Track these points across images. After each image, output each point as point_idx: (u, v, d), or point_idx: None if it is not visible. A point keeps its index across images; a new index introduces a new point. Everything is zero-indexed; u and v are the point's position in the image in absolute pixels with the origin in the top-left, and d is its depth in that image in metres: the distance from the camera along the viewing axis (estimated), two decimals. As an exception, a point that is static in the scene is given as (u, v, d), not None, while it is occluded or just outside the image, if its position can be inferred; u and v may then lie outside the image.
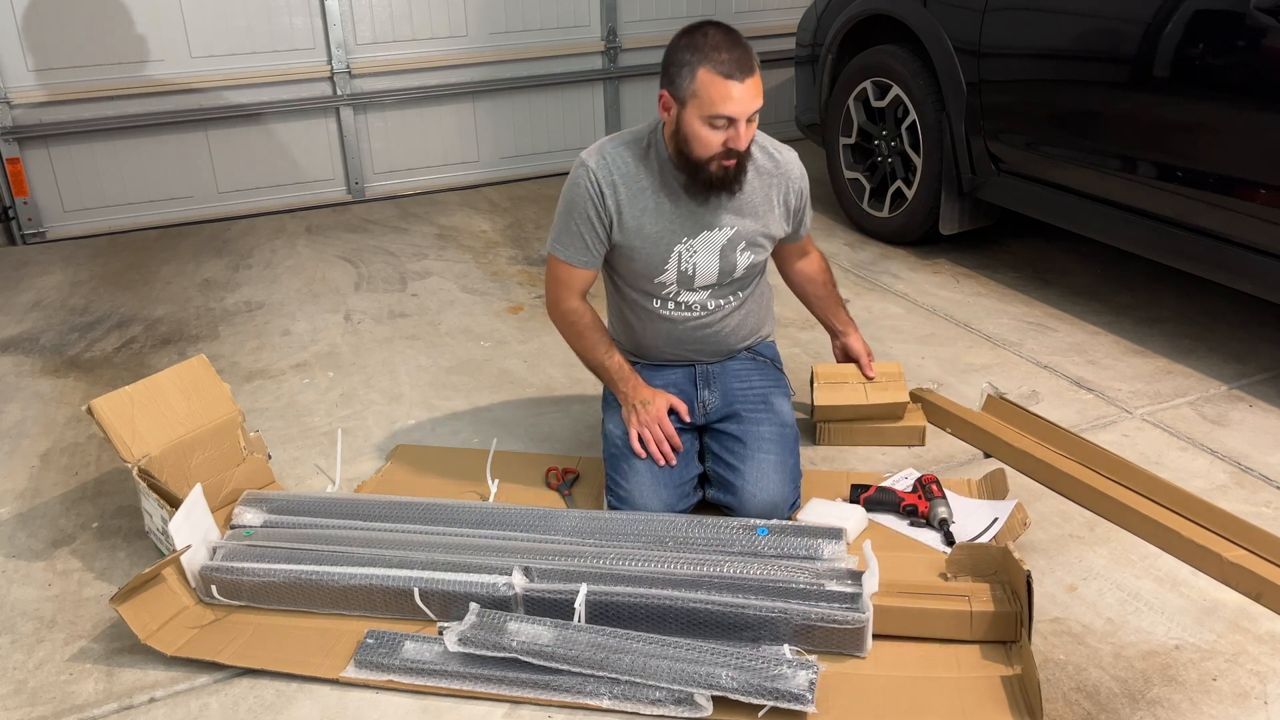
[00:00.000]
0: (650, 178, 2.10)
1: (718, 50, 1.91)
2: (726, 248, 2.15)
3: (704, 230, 2.12)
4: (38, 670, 1.88)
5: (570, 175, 2.14)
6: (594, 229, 2.12)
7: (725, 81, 1.91)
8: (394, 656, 1.82)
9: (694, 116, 1.96)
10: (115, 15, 4.16)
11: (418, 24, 4.63)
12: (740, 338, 2.30)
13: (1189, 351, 2.94)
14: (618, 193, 2.09)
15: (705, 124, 1.95)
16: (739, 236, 2.15)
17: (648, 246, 2.12)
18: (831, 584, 1.85)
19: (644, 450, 2.16)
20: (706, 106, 1.93)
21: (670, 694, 1.70)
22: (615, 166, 2.10)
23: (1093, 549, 2.11)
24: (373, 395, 2.88)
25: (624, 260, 2.17)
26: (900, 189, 3.76)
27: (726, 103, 1.92)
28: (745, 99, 1.93)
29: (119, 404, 2.12)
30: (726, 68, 1.90)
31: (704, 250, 2.14)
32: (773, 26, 5.22)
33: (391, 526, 2.13)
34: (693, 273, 2.16)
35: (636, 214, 2.10)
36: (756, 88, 1.94)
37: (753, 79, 1.93)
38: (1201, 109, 2.67)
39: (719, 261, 2.16)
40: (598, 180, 2.09)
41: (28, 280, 3.88)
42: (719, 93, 1.91)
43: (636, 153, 2.10)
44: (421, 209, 4.61)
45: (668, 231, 2.11)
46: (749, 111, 1.95)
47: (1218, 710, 1.70)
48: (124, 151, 4.36)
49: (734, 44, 1.93)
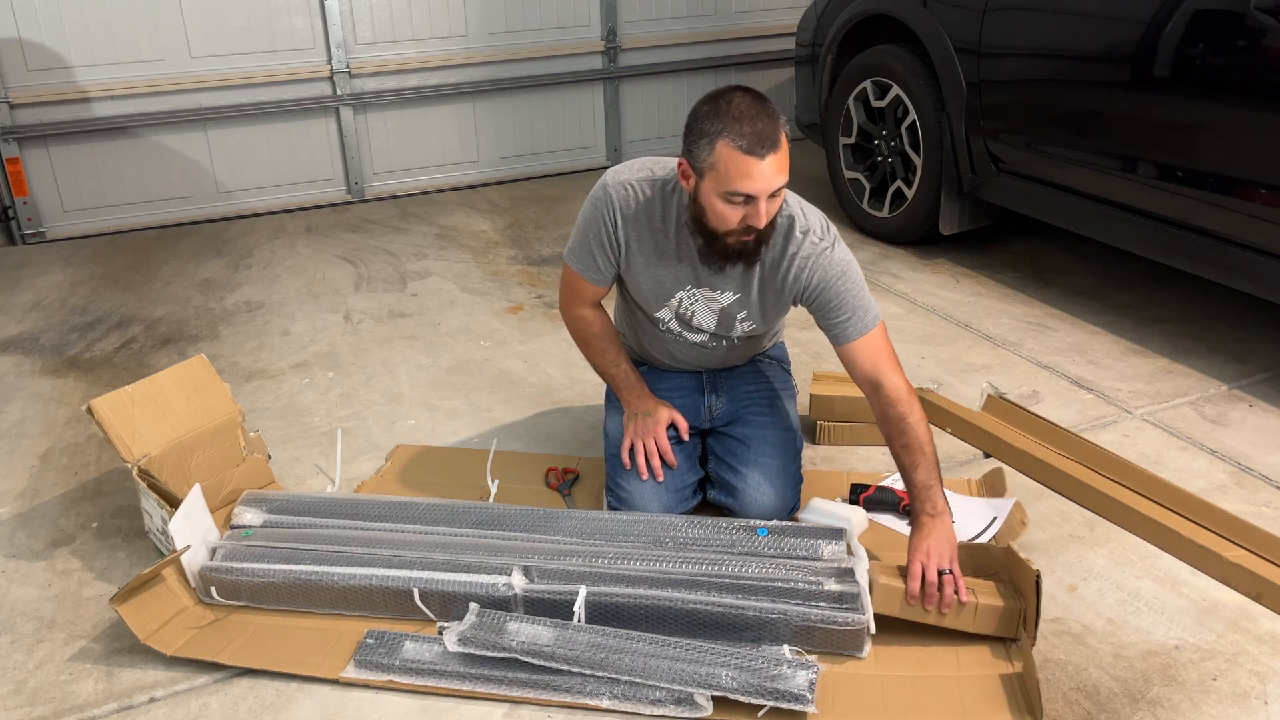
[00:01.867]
0: (665, 225, 2.01)
1: (739, 122, 1.75)
2: (727, 311, 2.10)
3: (706, 288, 2.07)
4: (38, 670, 1.88)
5: (595, 190, 2.05)
6: (605, 252, 2.07)
7: (745, 158, 1.75)
8: (394, 656, 1.81)
9: (711, 191, 1.81)
10: (115, 15, 4.16)
11: (418, 24, 4.63)
12: (745, 359, 2.29)
13: (1189, 351, 2.94)
14: (629, 229, 2.03)
15: (723, 200, 1.81)
16: (740, 306, 2.08)
17: (649, 286, 2.09)
18: (831, 584, 1.85)
19: (633, 462, 2.14)
20: (724, 182, 1.78)
21: (670, 694, 1.70)
22: (635, 203, 2.01)
23: (1093, 549, 2.11)
24: (373, 395, 2.88)
25: (629, 286, 2.15)
26: (900, 189, 3.76)
27: (745, 180, 1.77)
28: (766, 176, 1.77)
29: (119, 404, 2.12)
30: (748, 143, 1.75)
31: (704, 304, 2.09)
32: (773, 26, 5.22)
33: (391, 526, 2.13)
34: (691, 318, 2.13)
35: (644, 255, 2.05)
36: (779, 164, 1.78)
37: (776, 155, 1.77)
38: (1201, 109, 2.67)
39: (718, 318, 2.11)
40: (615, 211, 2.02)
41: (28, 280, 3.88)
42: (738, 169, 1.76)
43: (660, 194, 2.00)
44: (421, 209, 4.61)
45: (671, 279, 2.07)
46: (770, 189, 1.79)
47: (1218, 710, 1.70)
48: (124, 151, 4.36)
49: (758, 114, 1.76)
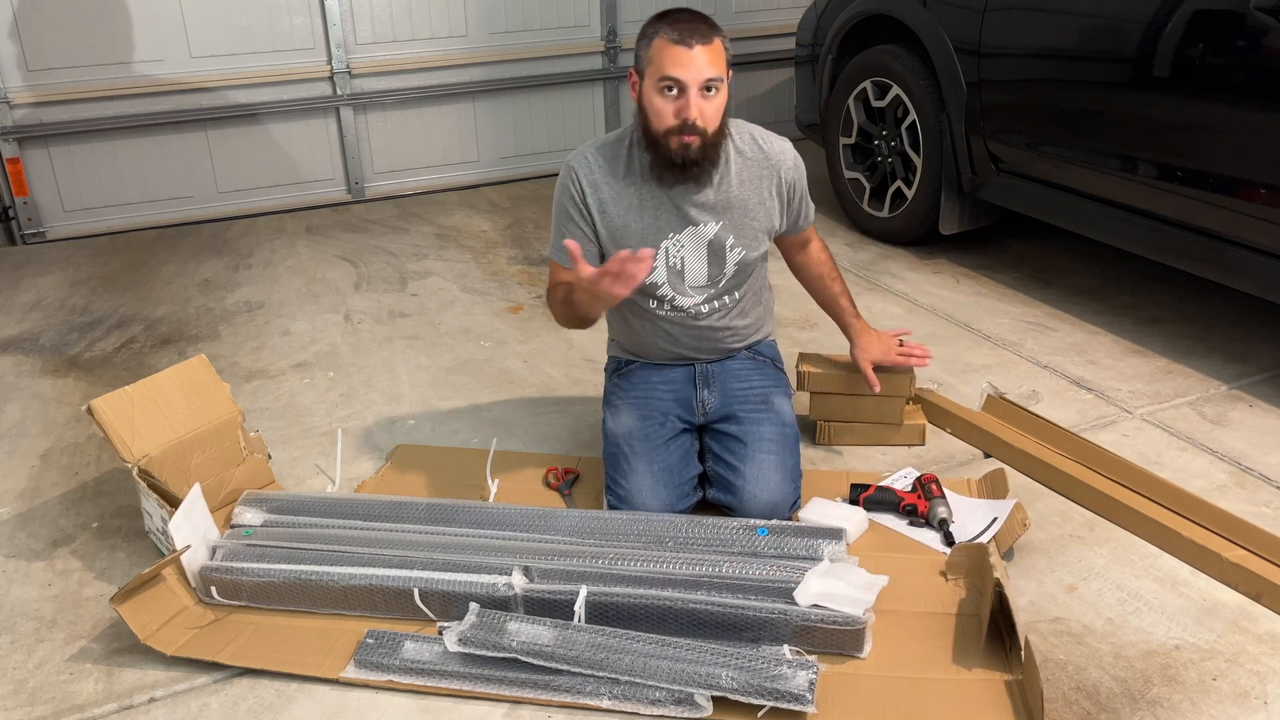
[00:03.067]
0: (631, 173, 2.10)
1: (675, 21, 1.94)
2: (715, 243, 2.13)
3: (689, 226, 2.11)
4: (38, 670, 1.88)
5: (559, 175, 2.17)
6: (579, 228, 2.12)
7: (675, 47, 1.92)
8: (394, 656, 1.81)
9: (649, 85, 1.97)
10: (115, 15, 4.16)
11: (418, 24, 4.63)
12: (739, 339, 2.30)
13: (1189, 351, 2.94)
14: (600, 191, 2.10)
15: (658, 93, 1.95)
16: (726, 231, 2.13)
17: (635, 242, 2.10)
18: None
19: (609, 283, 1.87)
20: (657, 71, 1.94)
21: (670, 694, 1.70)
22: (597, 165, 2.11)
23: (1093, 549, 2.11)
24: (373, 395, 2.88)
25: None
26: (900, 189, 3.76)
27: (674, 66, 1.92)
28: (695, 64, 1.92)
29: (119, 404, 2.11)
30: (679, 34, 1.92)
31: (692, 245, 2.13)
32: (773, 26, 5.22)
33: (391, 526, 2.13)
34: (682, 268, 2.15)
35: (621, 210, 2.11)
36: (709, 55, 1.93)
37: (706, 46, 1.92)
38: (1201, 109, 2.66)
39: (708, 257, 2.15)
40: (579, 180, 2.11)
41: (28, 280, 3.88)
42: (669, 56, 1.92)
43: (618, 149, 2.11)
44: (421, 209, 4.61)
45: (653, 227, 2.11)
46: (700, 78, 1.93)
47: (1218, 710, 1.70)
48: (124, 151, 4.36)
49: (695, 18, 1.95)
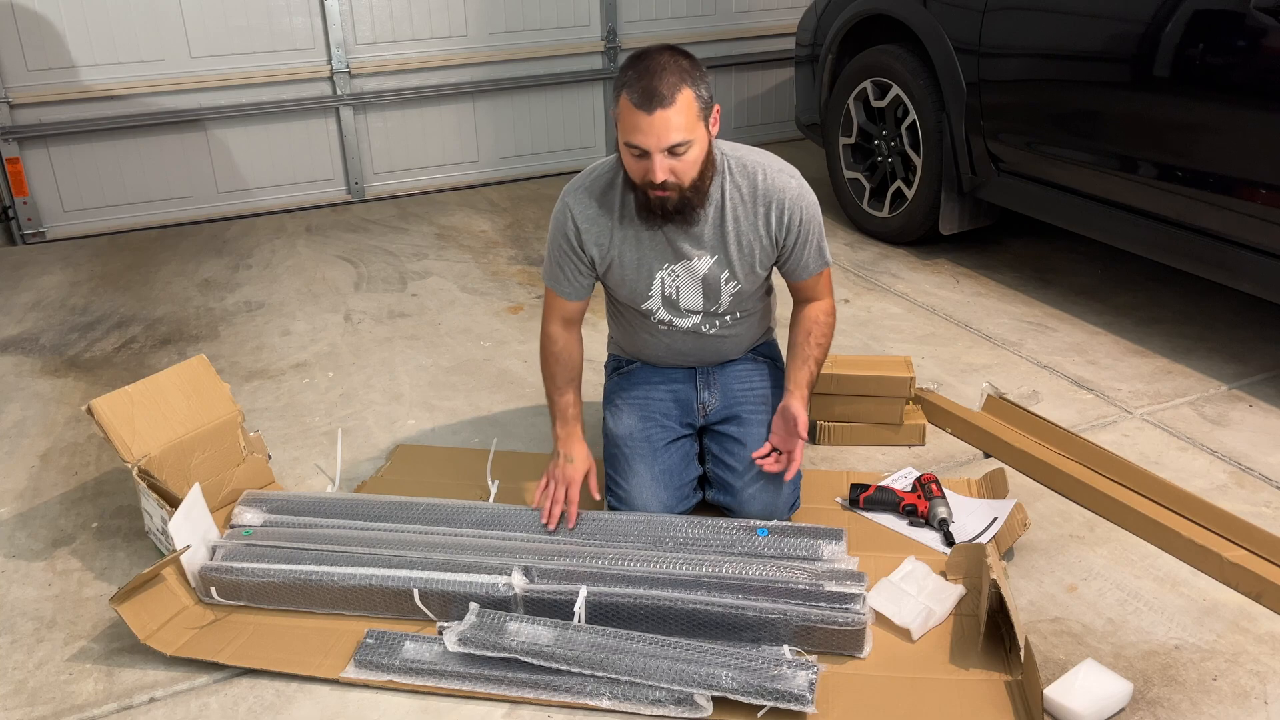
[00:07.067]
0: (625, 208, 2.04)
1: (640, 77, 1.81)
2: (709, 277, 2.09)
3: (683, 260, 2.07)
4: (38, 670, 1.88)
5: (556, 205, 2.10)
6: (573, 264, 2.09)
7: (635, 112, 1.82)
8: (394, 656, 1.81)
9: (620, 139, 1.89)
10: (115, 15, 4.16)
11: (418, 24, 4.62)
12: (739, 349, 2.28)
13: (1189, 351, 2.94)
14: (595, 226, 2.06)
15: (627, 150, 1.89)
16: (720, 267, 2.07)
17: (631, 274, 2.09)
18: (831, 585, 1.85)
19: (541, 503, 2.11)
20: (622, 134, 1.87)
21: (670, 694, 1.70)
22: (589, 202, 2.05)
23: (1093, 549, 2.11)
24: (373, 395, 2.88)
25: (613, 286, 2.16)
26: (900, 189, 3.76)
27: (635, 133, 1.83)
28: (653, 131, 1.81)
29: (119, 404, 2.11)
30: (639, 97, 1.81)
31: (686, 277, 2.09)
32: (773, 26, 5.22)
33: (391, 526, 2.13)
34: (677, 298, 2.12)
35: (616, 244, 2.07)
36: (669, 121, 1.81)
37: (665, 111, 1.80)
38: (1201, 109, 2.66)
39: (703, 289, 2.11)
40: (574, 218, 2.06)
41: (28, 280, 3.88)
42: (629, 122, 1.84)
43: (611, 185, 2.05)
44: (421, 209, 4.61)
45: (648, 258, 2.07)
46: (662, 145, 1.83)
47: (1218, 710, 1.70)
48: (124, 151, 4.35)
49: (658, 72, 1.81)
